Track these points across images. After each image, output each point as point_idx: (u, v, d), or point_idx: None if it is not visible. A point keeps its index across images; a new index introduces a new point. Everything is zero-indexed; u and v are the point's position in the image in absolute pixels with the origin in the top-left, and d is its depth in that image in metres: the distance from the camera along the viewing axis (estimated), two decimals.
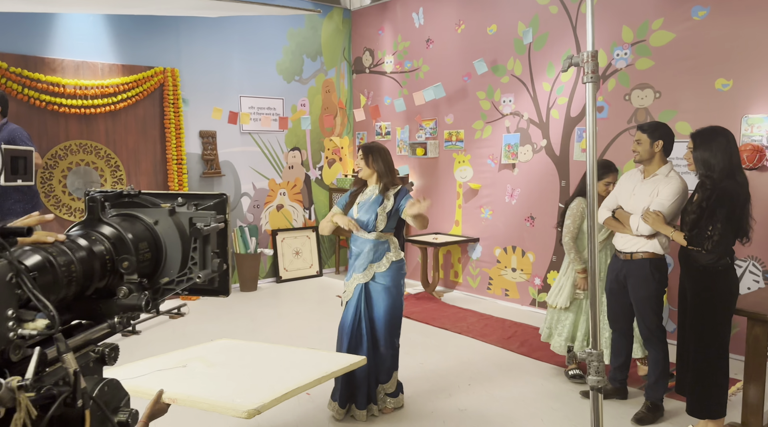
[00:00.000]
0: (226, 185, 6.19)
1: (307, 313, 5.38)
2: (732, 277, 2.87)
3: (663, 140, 3.14)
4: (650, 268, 3.15)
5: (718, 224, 2.77)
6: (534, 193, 5.32)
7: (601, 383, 1.59)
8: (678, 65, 4.30)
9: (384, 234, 3.12)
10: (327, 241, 7.16)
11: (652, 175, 3.18)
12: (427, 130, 6.28)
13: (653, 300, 3.17)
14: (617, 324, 3.39)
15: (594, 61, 1.63)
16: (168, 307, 5.39)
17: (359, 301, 3.12)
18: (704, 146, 2.84)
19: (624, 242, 3.25)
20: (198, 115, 5.91)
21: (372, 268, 3.11)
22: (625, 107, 4.63)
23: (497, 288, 5.74)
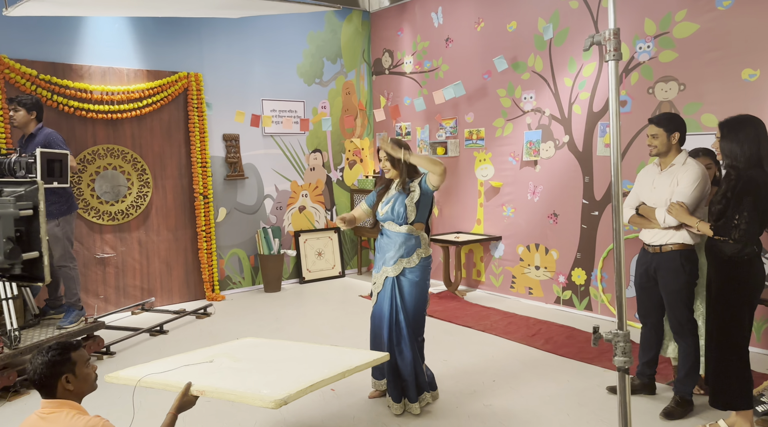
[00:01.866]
0: (249, 188, 6.26)
1: (330, 312, 5.41)
2: (757, 267, 2.80)
3: (679, 132, 3.11)
4: (681, 259, 3.10)
5: (745, 212, 2.70)
6: (557, 190, 5.27)
7: (628, 363, 1.57)
8: (703, 57, 4.22)
9: (415, 227, 3.14)
10: (349, 242, 7.18)
11: (669, 166, 3.14)
12: (448, 130, 6.27)
13: (684, 292, 3.12)
14: (648, 318, 3.33)
15: (616, 39, 1.61)
16: (195, 307, 5.47)
17: (393, 293, 3.14)
18: (731, 136, 2.78)
19: (652, 235, 3.20)
20: (221, 118, 5.99)
21: (402, 263, 3.14)
22: (648, 101, 4.56)
23: (521, 286, 5.69)
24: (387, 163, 3.19)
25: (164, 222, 5.69)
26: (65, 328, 4.03)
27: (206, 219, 5.86)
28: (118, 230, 5.43)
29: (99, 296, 5.32)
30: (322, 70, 6.77)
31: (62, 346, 1.98)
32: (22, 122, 4.05)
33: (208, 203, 5.86)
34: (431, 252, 3.23)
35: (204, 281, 5.88)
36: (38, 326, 4.10)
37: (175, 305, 5.72)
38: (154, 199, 5.62)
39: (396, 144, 3.16)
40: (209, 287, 5.90)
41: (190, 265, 5.86)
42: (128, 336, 4.59)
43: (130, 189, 5.46)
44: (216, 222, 6.00)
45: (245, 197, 6.24)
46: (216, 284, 5.94)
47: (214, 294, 5.89)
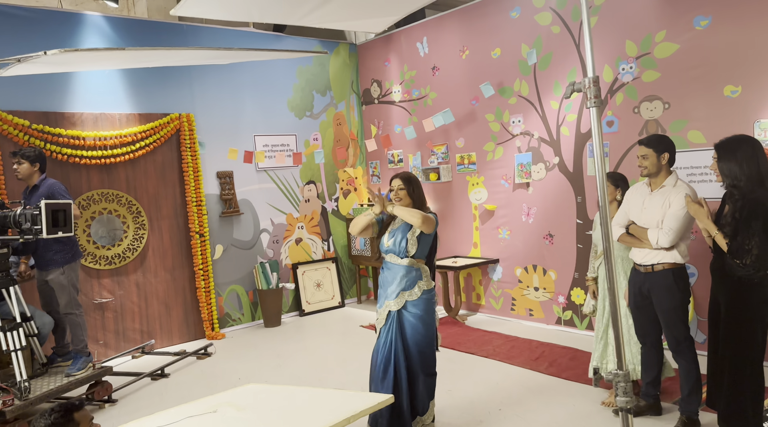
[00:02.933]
0: (245, 223, 6.28)
1: (332, 345, 5.38)
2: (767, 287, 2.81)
3: (668, 152, 3.14)
4: (673, 278, 3.11)
5: (755, 237, 2.70)
6: (551, 211, 5.31)
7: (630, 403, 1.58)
8: (685, 75, 4.31)
9: (416, 261, 3.16)
10: (347, 271, 7.18)
11: (660, 187, 3.17)
12: (439, 155, 6.33)
13: (680, 310, 3.13)
14: (647, 338, 3.33)
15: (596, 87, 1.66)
16: (195, 347, 5.43)
17: (391, 328, 3.14)
18: (729, 156, 2.82)
19: (643, 255, 3.22)
20: (214, 156, 6.03)
21: (404, 296, 3.14)
22: (635, 120, 4.63)
23: (521, 308, 5.69)
24: (402, 192, 3.19)
25: (161, 263, 5.69)
26: (73, 375, 4.03)
27: (203, 257, 5.86)
28: (115, 274, 5.42)
29: (98, 342, 5.28)
30: (312, 103, 6.85)
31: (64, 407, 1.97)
32: (25, 174, 4.11)
33: (205, 241, 5.87)
34: (434, 285, 3.23)
35: (203, 320, 5.86)
36: (47, 375, 4.10)
37: (175, 346, 5.68)
38: (151, 241, 5.63)
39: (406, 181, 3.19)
40: (209, 325, 5.87)
41: (189, 304, 5.84)
42: (130, 382, 4.55)
43: (126, 232, 5.47)
44: (213, 259, 6.00)
45: (241, 233, 6.25)
46: (215, 323, 5.91)
47: (214, 333, 5.85)
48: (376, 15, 3.12)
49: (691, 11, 4.22)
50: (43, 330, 4.13)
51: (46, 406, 3.93)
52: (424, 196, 3.27)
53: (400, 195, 3.19)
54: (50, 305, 4.24)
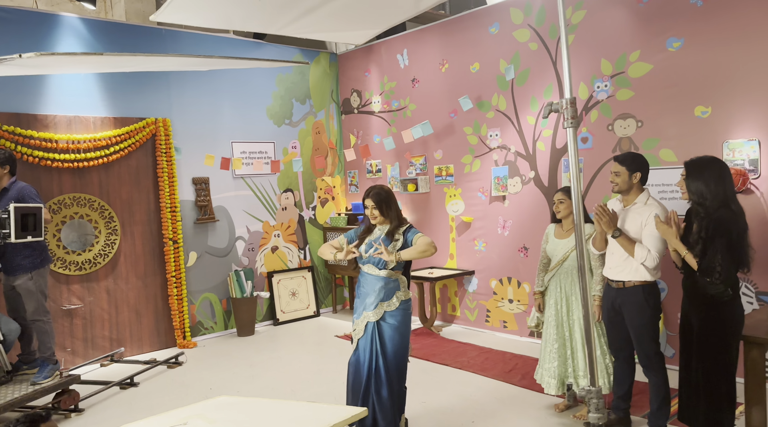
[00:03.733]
0: (220, 230, 6.22)
1: (306, 355, 5.34)
2: (739, 305, 2.89)
3: (641, 172, 3.22)
4: (644, 294, 3.18)
5: (719, 255, 2.78)
6: (526, 224, 5.38)
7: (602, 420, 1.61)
8: (658, 94, 4.43)
9: (394, 272, 3.17)
10: (323, 280, 7.15)
11: (632, 204, 3.25)
12: (417, 166, 6.37)
13: (649, 327, 3.19)
14: (620, 353, 3.39)
15: (573, 107, 1.70)
16: (166, 356, 5.34)
17: (374, 339, 3.14)
18: (697, 175, 2.90)
19: (616, 272, 3.28)
20: (190, 162, 5.96)
21: (382, 306, 3.15)
22: (608, 137, 4.74)
23: (495, 320, 5.74)
24: (375, 212, 3.20)
25: (133, 269, 5.59)
26: (39, 383, 3.92)
27: (176, 264, 5.78)
28: (85, 280, 5.31)
29: (66, 349, 5.15)
30: (291, 111, 6.84)
31: (30, 419, 1.92)
32: None
33: (178, 248, 5.79)
34: (411, 295, 3.25)
35: (175, 328, 5.76)
36: (11, 383, 3.98)
37: (145, 354, 5.57)
38: (123, 247, 5.53)
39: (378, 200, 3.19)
40: (180, 334, 5.78)
41: (161, 312, 5.75)
42: (98, 391, 4.44)
43: (97, 237, 5.37)
44: (186, 267, 5.92)
45: (216, 240, 6.19)
46: (187, 331, 5.82)
47: (186, 341, 5.76)
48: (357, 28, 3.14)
49: (665, 33, 4.35)
50: (9, 337, 4.02)
51: (11, 415, 3.82)
52: (398, 209, 3.27)
53: (375, 214, 3.21)
54: (17, 311, 4.13)
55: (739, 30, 3.99)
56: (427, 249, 3.05)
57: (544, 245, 3.85)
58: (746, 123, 4.00)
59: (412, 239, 3.15)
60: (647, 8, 4.43)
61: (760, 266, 3.89)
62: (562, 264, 3.67)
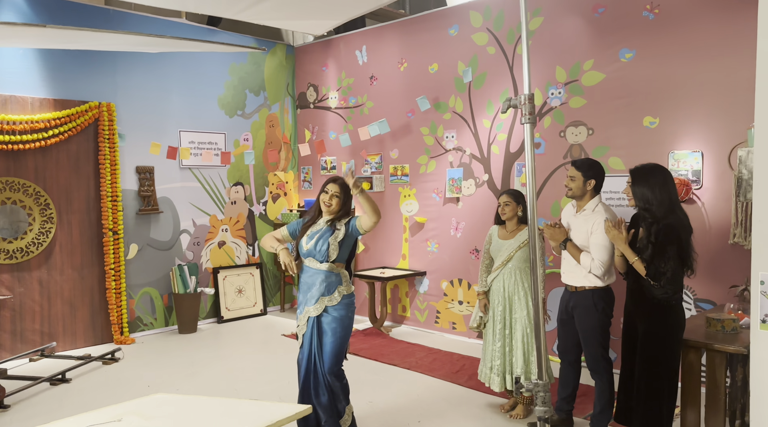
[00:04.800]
0: (164, 222, 6.03)
1: (251, 353, 5.25)
2: (682, 310, 3.00)
3: (595, 180, 3.31)
4: (594, 298, 3.27)
5: (670, 261, 2.87)
6: (478, 226, 5.47)
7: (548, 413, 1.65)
8: (609, 104, 4.59)
9: (336, 265, 3.15)
10: (271, 277, 7.05)
11: (582, 210, 3.35)
12: (373, 165, 6.37)
13: (597, 330, 3.28)
14: (567, 355, 3.48)
15: (531, 104, 1.74)
16: (101, 352, 5.13)
17: (312, 336, 3.12)
18: (642, 181, 3.00)
19: (569, 277, 3.37)
20: (135, 150, 5.77)
21: (323, 301, 3.12)
22: (560, 143, 4.88)
23: (444, 321, 5.80)
24: (334, 201, 3.16)
25: (69, 260, 5.34)
26: None
27: (116, 256, 5.57)
28: (16, 269, 5.03)
29: None
30: (244, 102, 6.72)
31: None
32: None
33: (118, 239, 5.59)
34: (353, 290, 3.24)
35: (112, 323, 5.55)
36: None
37: (79, 349, 5.34)
38: (59, 236, 5.27)
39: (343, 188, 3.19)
40: (117, 329, 5.57)
41: (97, 306, 5.52)
42: (26, 386, 4.21)
43: (31, 225, 5.09)
44: (126, 259, 5.72)
45: (159, 233, 6.00)
46: (125, 326, 5.63)
47: (123, 337, 5.56)
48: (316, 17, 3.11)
49: (618, 44, 4.51)
50: None
51: None
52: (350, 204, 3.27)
53: (332, 202, 3.17)
54: None
55: (687, 44, 4.19)
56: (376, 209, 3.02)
57: (487, 246, 3.91)
58: (691, 135, 4.20)
59: (354, 224, 3.14)
60: (602, 18, 4.59)
61: (699, 274, 4.09)
62: (505, 265, 3.74)
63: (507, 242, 3.75)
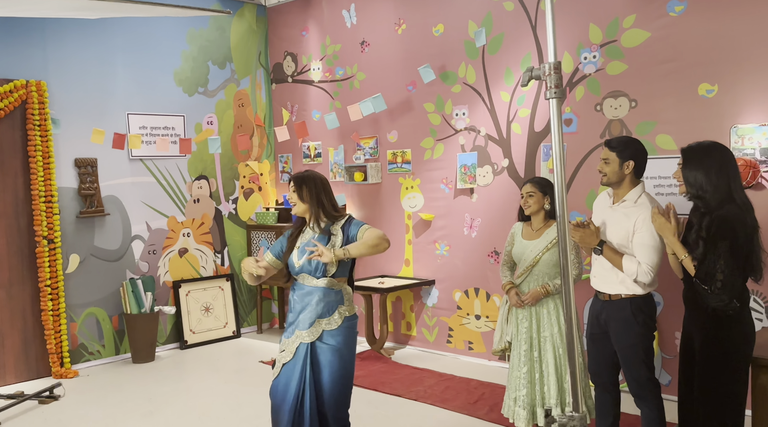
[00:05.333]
0: (111, 227, 6.02)
1: (222, 385, 5.25)
2: (748, 321, 2.96)
3: (634, 160, 3.27)
4: (632, 308, 3.24)
5: (721, 260, 2.84)
6: (497, 223, 5.45)
7: None
8: (655, 69, 4.56)
9: (337, 281, 3.15)
10: (246, 292, 7.03)
11: (621, 201, 3.31)
12: (367, 151, 6.34)
13: (639, 347, 3.26)
14: (600, 378, 3.46)
15: (557, 74, 1.71)
16: (37, 388, 5.12)
17: (305, 366, 3.10)
18: (695, 163, 2.97)
19: (600, 282, 3.35)
20: (73, 139, 5.76)
21: (320, 324, 3.11)
22: (596, 119, 4.85)
23: (459, 341, 5.78)
24: (294, 196, 3.19)
25: None
26: None
27: (52, 270, 5.57)
28: None
29: None
30: (207, 77, 6.70)
31: None
32: None
33: (55, 249, 5.58)
34: (356, 310, 3.23)
35: (50, 353, 5.55)
36: None
37: (9, 386, 5.34)
38: None
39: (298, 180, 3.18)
40: (57, 360, 5.58)
41: (30, 332, 5.52)
42: None
43: None
44: (66, 273, 5.72)
45: (106, 240, 5.99)
46: (66, 356, 5.63)
47: (64, 370, 5.56)
48: None
49: None
50: None
51: None
52: (329, 199, 3.21)
53: (293, 199, 3.20)
54: None
55: None
56: (378, 243, 3.04)
57: (509, 247, 3.91)
58: (758, 105, 4.17)
59: (356, 233, 3.13)
60: None
61: None
62: (531, 271, 3.73)
63: (532, 242, 3.74)
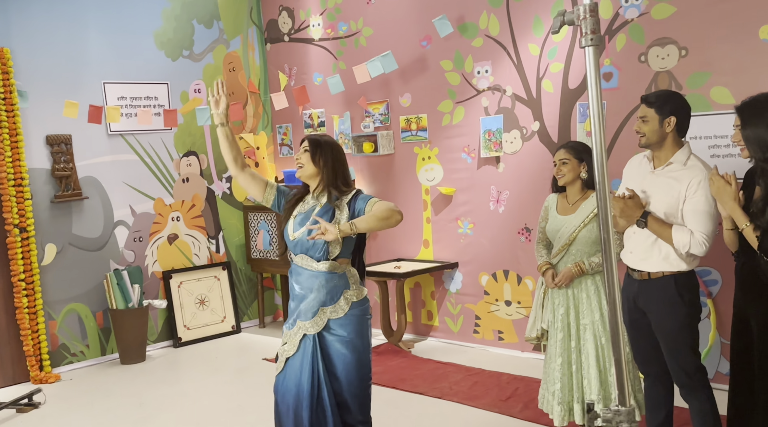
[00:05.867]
0: (90, 212, 6.07)
1: (221, 387, 5.30)
2: None
3: (676, 116, 3.22)
4: (677, 287, 3.21)
5: None
6: (528, 196, 5.42)
7: None
8: (709, 11, 4.47)
9: (339, 263, 3.15)
10: (245, 281, 7.07)
11: (666, 164, 3.26)
12: (377, 118, 6.32)
13: (687, 331, 3.24)
14: (650, 366, 3.45)
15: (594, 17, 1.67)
16: (14, 395, 5.19)
17: (314, 359, 3.12)
18: (757, 120, 2.93)
19: (637, 259, 3.31)
20: (43, 113, 5.79)
21: (325, 313, 3.13)
22: (640, 72, 4.79)
23: (487, 330, 5.79)
24: (305, 156, 3.20)
25: None
26: None
27: (26, 263, 5.63)
28: None
29: None
30: (192, 38, 6.71)
31: None
32: None
33: (28, 239, 5.63)
34: (366, 294, 3.24)
35: (27, 356, 5.62)
36: None
37: None
38: None
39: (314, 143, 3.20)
40: (35, 363, 5.65)
41: (4, 332, 5.60)
42: None
43: None
44: (41, 266, 5.77)
45: (85, 227, 6.04)
46: (45, 359, 5.70)
47: (44, 374, 5.64)
48: None
49: None
50: None
51: None
52: (342, 170, 3.23)
53: (302, 161, 3.20)
54: None
55: None
56: (389, 215, 3.05)
57: (542, 223, 3.90)
58: None
59: (363, 207, 3.14)
60: None
61: None
62: (567, 249, 3.71)
63: (568, 217, 3.72)
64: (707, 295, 4.54)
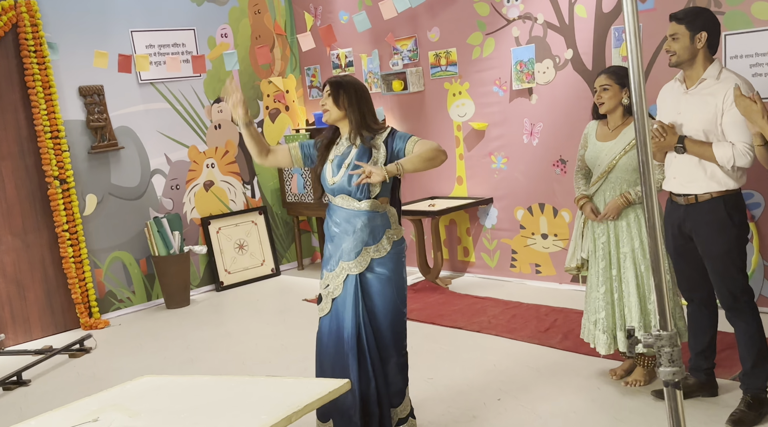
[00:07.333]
0: (127, 162, 6.12)
1: (264, 328, 5.40)
2: None
3: (707, 31, 3.14)
4: (726, 210, 3.17)
5: None
6: (562, 127, 5.34)
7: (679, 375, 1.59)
8: None
9: (380, 201, 3.15)
10: (282, 225, 7.13)
11: (699, 82, 3.19)
12: (405, 55, 6.23)
13: (735, 253, 3.21)
14: (694, 293, 3.43)
15: None
16: (66, 342, 5.35)
17: (356, 299, 3.15)
18: None
19: (682, 183, 3.25)
20: (74, 64, 5.80)
21: (368, 252, 3.13)
22: None
23: (524, 264, 5.79)
24: (329, 101, 3.16)
25: (6, 224, 5.52)
26: None
27: (68, 213, 5.72)
28: None
29: None
30: None
31: None
32: None
33: (69, 190, 5.71)
34: (403, 233, 3.25)
35: (76, 303, 5.77)
36: None
37: (36, 341, 5.59)
38: None
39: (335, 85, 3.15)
40: (84, 310, 5.79)
41: (53, 282, 5.73)
42: None
43: None
44: (83, 216, 5.86)
45: (123, 177, 6.10)
46: (94, 306, 5.84)
47: (93, 320, 5.78)
48: None
49: None
50: None
51: None
52: (369, 109, 3.19)
53: (327, 105, 3.17)
54: None
55: None
56: (435, 155, 3.02)
57: (582, 151, 3.84)
58: None
59: (403, 146, 3.10)
60: None
61: None
62: (607, 176, 3.66)
63: (607, 144, 3.66)
64: (750, 218, 4.46)
